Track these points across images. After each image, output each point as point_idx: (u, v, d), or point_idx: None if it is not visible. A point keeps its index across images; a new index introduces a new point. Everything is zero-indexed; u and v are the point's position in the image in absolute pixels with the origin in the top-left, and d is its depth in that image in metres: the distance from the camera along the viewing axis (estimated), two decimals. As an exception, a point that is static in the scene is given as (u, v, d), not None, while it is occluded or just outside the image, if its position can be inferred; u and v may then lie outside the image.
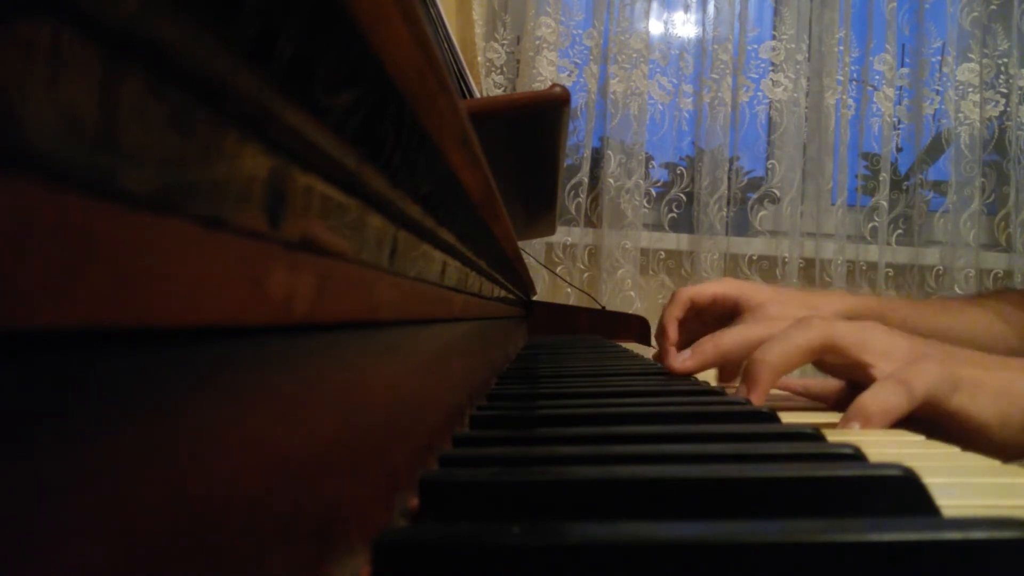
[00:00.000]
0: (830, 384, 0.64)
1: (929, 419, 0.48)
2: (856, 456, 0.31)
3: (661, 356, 0.77)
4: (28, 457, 0.08)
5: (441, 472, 0.30)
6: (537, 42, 1.81)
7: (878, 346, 0.52)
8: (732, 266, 1.94)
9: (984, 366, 0.50)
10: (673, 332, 0.86)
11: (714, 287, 0.88)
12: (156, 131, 0.09)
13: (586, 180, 1.86)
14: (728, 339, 0.61)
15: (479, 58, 1.76)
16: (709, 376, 0.68)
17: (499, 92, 1.82)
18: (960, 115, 1.99)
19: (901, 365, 0.49)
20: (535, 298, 1.58)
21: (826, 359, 0.53)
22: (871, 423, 0.45)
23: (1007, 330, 0.79)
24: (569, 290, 1.83)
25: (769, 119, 1.95)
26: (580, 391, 0.55)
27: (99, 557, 0.09)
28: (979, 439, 0.49)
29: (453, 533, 0.21)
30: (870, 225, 1.97)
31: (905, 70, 2.00)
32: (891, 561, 0.20)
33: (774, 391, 0.58)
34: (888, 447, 0.40)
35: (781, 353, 0.52)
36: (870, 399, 0.46)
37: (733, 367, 0.67)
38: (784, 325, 0.55)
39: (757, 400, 0.52)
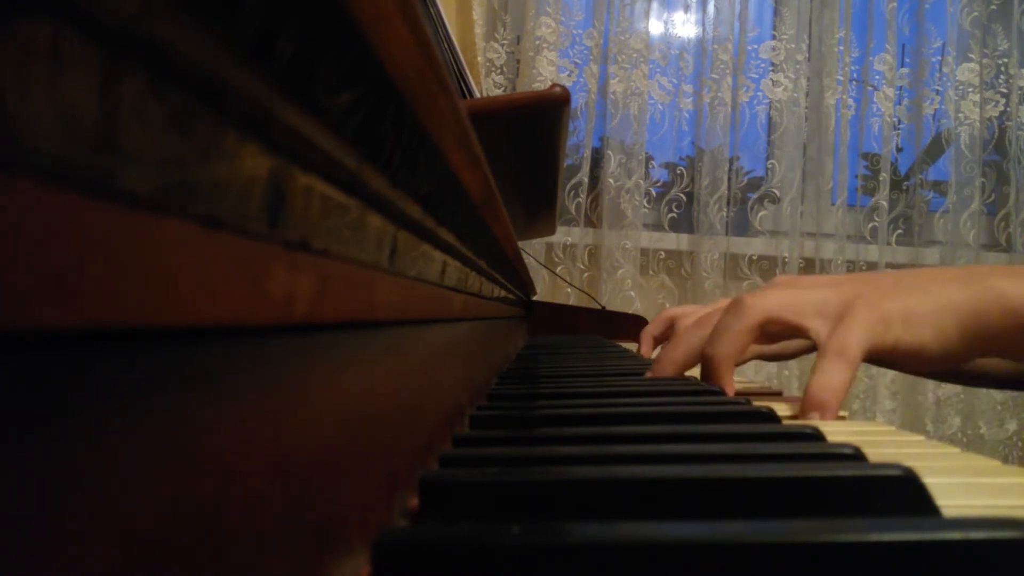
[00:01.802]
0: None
1: (875, 361, 0.51)
2: (856, 456, 0.31)
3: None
4: (28, 458, 0.08)
5: (441, 472, 0.30)
6: (537, 42, 1.81)
7: (809, 306, 0.53)
8: (732, 266, 1.94)
9: (913, 288, 0.52)
10: (647, 350, 0.90)
11: (705, 310, 0.91)
12: (156, 131, 0.09)
13: (586, 180, 1.86)
14: (679, 351, 0.63)
15: (479, 58, 1.76)
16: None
17: (499, 92, 1.82)
18: (960, 115, 1.99)
19: (832, 324, 0.51)
20: (535, 298, 1.58)
21: (768, 331, 0.55)
22: (828, 409, 0.48)
23: None
24: (569, 290, 1.83)
25: (769, 119, 1.95)
26: (580, 391, 0.55)
27: (100, 557, 0.09)
28: (921, 361, 0.51)
29: (453, 533, 0.21)
30: (870, 225, 1.97)
31: (905, 70, 2.01)
32: (891, 561, 0.20)
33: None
34: (888, 447, 0.39)
35: (729, 342, 0.55)
36: (818, 388, 0.48)
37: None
38: (717, 316, 0.58)
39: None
